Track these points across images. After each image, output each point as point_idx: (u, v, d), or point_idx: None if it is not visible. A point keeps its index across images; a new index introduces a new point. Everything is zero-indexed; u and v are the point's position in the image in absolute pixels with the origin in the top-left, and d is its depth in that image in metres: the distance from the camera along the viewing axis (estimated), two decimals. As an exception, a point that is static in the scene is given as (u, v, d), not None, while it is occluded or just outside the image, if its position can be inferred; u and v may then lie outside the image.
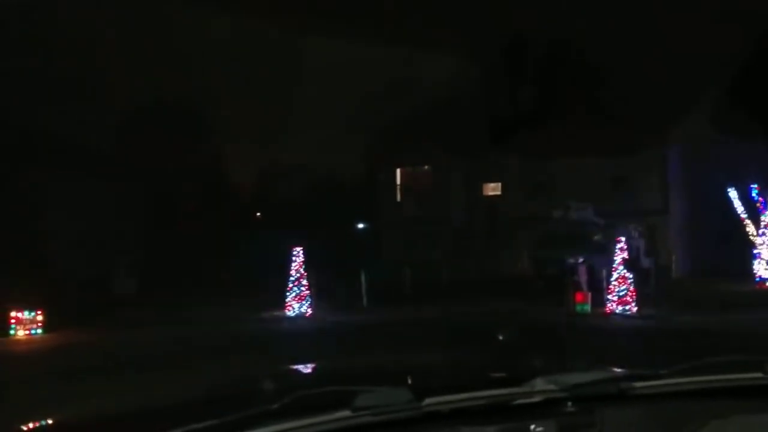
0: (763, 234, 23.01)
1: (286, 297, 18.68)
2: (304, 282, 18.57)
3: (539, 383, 1.88)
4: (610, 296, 17.70)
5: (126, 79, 37.95)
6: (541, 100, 40.09)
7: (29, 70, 31.70)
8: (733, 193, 23.56)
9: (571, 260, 21.37)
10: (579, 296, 17.75)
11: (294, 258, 18.63)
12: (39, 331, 16.65)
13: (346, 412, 1.66)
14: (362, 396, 1.67)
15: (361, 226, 41.27)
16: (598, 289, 18.53)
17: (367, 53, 37.04)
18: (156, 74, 39.33)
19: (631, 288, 17.51)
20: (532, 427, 1.78)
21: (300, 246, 18.91)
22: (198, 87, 38.35)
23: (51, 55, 34.07)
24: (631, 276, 17.64)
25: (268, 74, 40.93)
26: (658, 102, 27.83)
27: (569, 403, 1.87)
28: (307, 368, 3.04)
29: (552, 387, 1.87)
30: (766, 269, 22.97)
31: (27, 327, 16.62)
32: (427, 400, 1.73)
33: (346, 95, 40.70)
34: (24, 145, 24.82)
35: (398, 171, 36.56)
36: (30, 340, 16.01)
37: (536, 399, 1.87)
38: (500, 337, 3.23)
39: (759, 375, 2.00)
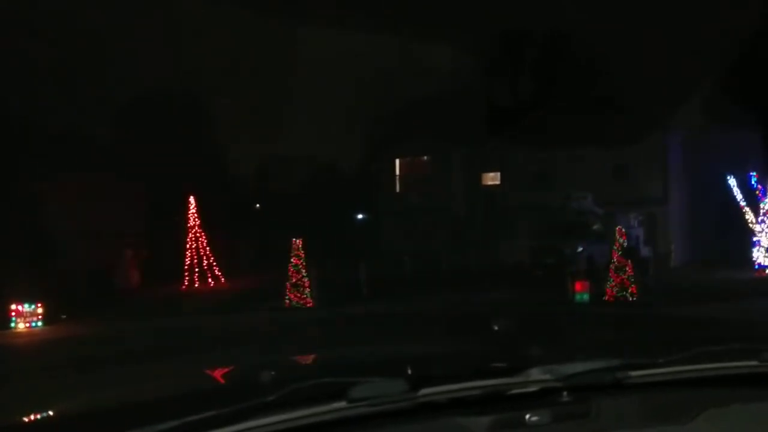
0: (762, 222, 23.02)
1: (286, 288, 18.68)
2: (304, 273, 18.56)
3: (535, 373, 1.88)
4: (609, 285, 17.71)
5: (126, 71, 37.88)
6: (540, 89, 40.02)
7: (29, 63, 31.63)
8: (732, 181, 23.54)
9: (570, 250, 21.40)
10: (578, 285, 17.74)
11: (294, 249, 18.62)
12: (39, 323, 16.67)
13: (342, 403, 1.66)
14: (358, 387, 1.67)
15: (360, 216, 41.28)
16: (597, 278, 18.54)
17: (366, 43, 36.94)
18: (156, 67, 39.26)
19: (630, 277, 17.52)
20: (528, 416, 1.78)
21: (300, 237, 18.91)
22: (197, 79, 38.28)
23: (50, 47, 33.97)
24: (630, 265, 17.63)
25: (267, 65, 40.86)
26: (657, 91, 27.76)
27: (565, 393, 1.87)
28: (304, 359, 3.05)
29: (548, 377, 1.87)
30: (765, 257, 22.98)
31: (27, 319, 16.64)
32: (423, 391, 1.73)
33: (344, 86, 40.63)
34: (24, 136, 24.78)
35: (397, 161, 36.51)
36: (30, 333, 16.03)
37: (532, 389, 1.86)
38: (495, 327, 3.22)
39: (755, 363, 2.00)
